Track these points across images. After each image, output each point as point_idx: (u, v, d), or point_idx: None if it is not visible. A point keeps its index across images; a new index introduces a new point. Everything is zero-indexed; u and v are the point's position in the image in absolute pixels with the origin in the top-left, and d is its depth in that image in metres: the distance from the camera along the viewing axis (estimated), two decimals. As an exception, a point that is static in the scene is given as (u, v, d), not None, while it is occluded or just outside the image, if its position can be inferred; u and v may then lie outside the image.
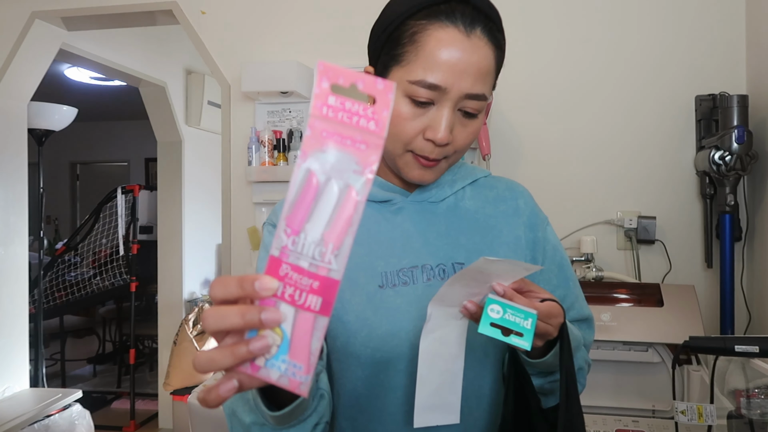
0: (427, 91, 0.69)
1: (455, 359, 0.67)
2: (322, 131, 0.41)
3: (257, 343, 0.41)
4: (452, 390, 0.67)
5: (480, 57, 0.69)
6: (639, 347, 1.57)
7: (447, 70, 0.68)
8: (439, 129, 0.70)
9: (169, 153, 3.65)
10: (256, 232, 2.21)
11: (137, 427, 3.64)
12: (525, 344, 0.58)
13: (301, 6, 2.23)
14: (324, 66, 0.41)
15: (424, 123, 0.71)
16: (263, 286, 0.41)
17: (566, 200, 1.99)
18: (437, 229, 0.79)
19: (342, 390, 0.76)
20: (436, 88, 0.69)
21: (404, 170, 0.76)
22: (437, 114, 0.70)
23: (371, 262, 0.76)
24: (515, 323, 0.59)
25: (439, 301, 0.64)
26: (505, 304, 0.60)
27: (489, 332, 0.58)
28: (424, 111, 0.71)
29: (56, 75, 4.32)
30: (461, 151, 0.76)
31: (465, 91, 0.69)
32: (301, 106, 2.20)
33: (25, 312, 2.70)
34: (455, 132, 0.72)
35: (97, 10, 2.39)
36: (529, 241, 0.82)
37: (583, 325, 0.84)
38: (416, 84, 0.69)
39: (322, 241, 0.41)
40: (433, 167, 0.75)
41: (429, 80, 0.68)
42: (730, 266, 1.77)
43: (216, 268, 4.00)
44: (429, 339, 0.65)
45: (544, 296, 0.65)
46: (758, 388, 1.24)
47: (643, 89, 1.97)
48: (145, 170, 6.85)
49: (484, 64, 0.70)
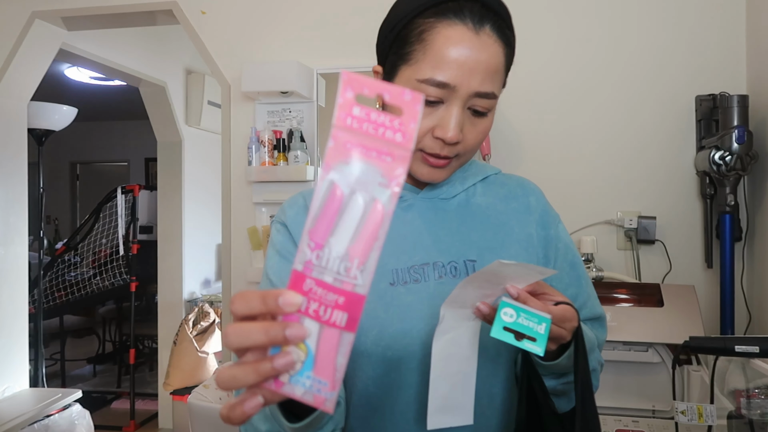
0: (436, 90, 0.68)
1: (468, 360, 0.66)
2: (346, 143, 0.39)
3: (281, 360, 0.40)
4: (465, 391, 0.67)
5: (489, 54, 0.68)
6: (639, 347, 1.57)
7: (456, 68, 0.67)
8: (449, 127, 0.69)
9: (169, 153, 3.65)
10: (256, 232, 2.21)
11: (137, 427, 3.63)
12: (538, 349, 0.57)
13: (302, 6, 2.23)
14: (348, 76, 0.40)
15: (434, 122, 0.70)
16: (287, 301, 0.40)
17: (566, 200, 1.99)
18: (448, 226, 0.78)
19: (353, 389, 0.75)
20: (445, 86, 0.68)
21: (414, 169, 0.75)
22: (447, 112, 0.69)
23: (381, 260, 0.74)
24: (529, 327, 0.58)
25: (451, 303, 0.63)
26: (519, 307, 0.59)
27: (502, 336, 0.58)
28: (434, 110, 0.70)
29: (56, 75, 4.32)
30: (472, 150, 0.75)
31: (474, 89, 0.68)
32: (301, 106, 2.20)
33: (25, 312, 2.70)
34: (465, 131, 0.71)
35: (97, 10, 2.39)
36: (541, 239, 0.81)
37: (596, 324, 0.84)
38: (425, 83, 0.68)
39: (347, 256, 0.40)
40: (443, 167, 0.74)
41: (438, 78, 0.68)
42: (730, 266, 1.77)
43: (216, 268, 4.00)
44: (442, 341, 0.65)
45: (558, 299, 0.64)
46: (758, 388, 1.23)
47: (644, 89, 1.97)
48: (145, 170, 6.84)
49: (494, 62, 0.69)
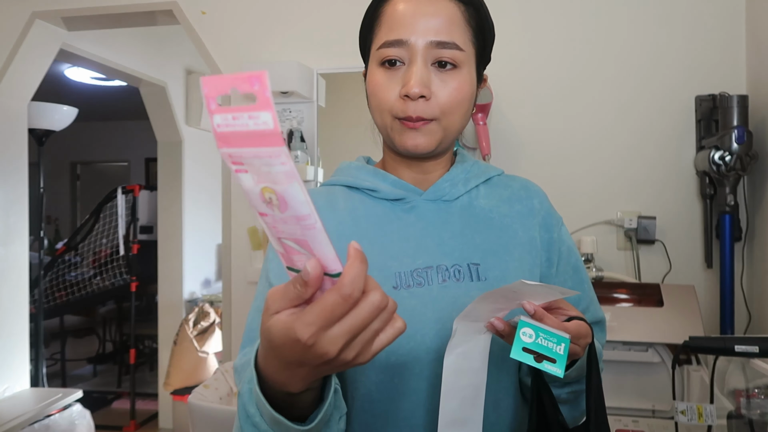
0: (393, 49, 0.71)
1: (478, 373, 0.66)
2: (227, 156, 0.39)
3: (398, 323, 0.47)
4: (475, 404, 0.66)
5: (438, 7, 0.71)
6: (639, 347, 1.57)
7: (405, 24, 0.70)
8: (410, 82, 0.69)
9: (170, 153, 3.65)
10: (256, 232, 2.21)
11: (137, 427, 3.64)
12: (558, 371, 0.57)
13: (302, 6, 2.23)
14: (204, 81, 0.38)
15: (400, 84, 0.72)
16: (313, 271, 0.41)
17: (566, 200, 1.99)
18: (451, 228, 0.77)
19: (356, 394, 0.73)
20: (399, 43, 0.70)
21: (397, 140, 0.74)
22: (408, 69, 0.71)
23: (384, 262, 0.74)
24: (548, 348, 0.57)
25: (465, 317, 0.63)
26: (538, 327, 0.59)
27: (521, 358, 0.57)
28: (396, 71, 0.72)
29: (56, 75, 4.32)
30: (450, 111, 0.72)
31: (429, 39, 0.70)
32: (301, 107, 2.20)
33: (25, 312, 2.70)
34: (435, 88, 0.71)
35: (97, 10, 2.40)
36: (544, 242, 0.80)
37: (597, 328, 0.84)
38: (382, 47, 0.72)
39: None
40: (420, 129, 0.72)
41: (391, 38, 0.71)
42: (730, 266, 1.77)
43: (216, 268, 4.00)
44: (453, 354, 0.64)
45: (571, 313, 0.64)
46: (758, 388, 1.24)
47: (643, 89, 1.97)
48: (145, 170, 6.84)
49: (445, 13, 0.71)
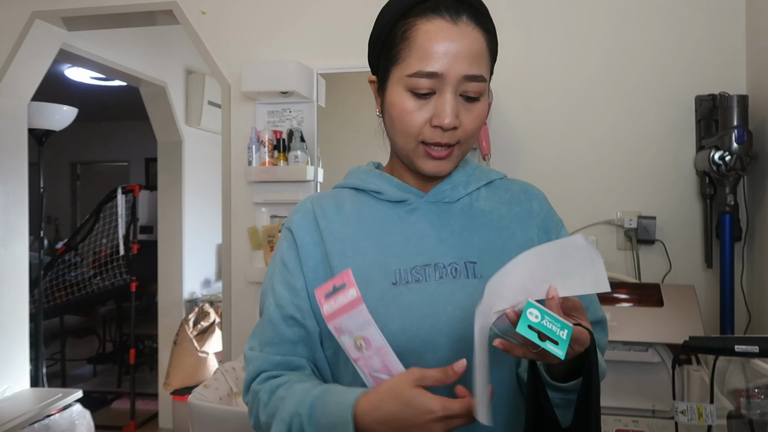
0: (427, 81, 0.73)
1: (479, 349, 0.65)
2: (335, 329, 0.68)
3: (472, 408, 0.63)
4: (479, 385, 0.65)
5: (470, 40, 0.73)
6: (639, 347, 1.57)
7: (441, 57, 0.72)
8: (445, 114, 0.73)
9: (169, 153, 3.65)
10: (256, 232, 2.21)
11: (137, 427, 3.64)
12: (560, 352, 0.59)
13: (301, 6, 2.23)
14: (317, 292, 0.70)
15: (429, 112, 0.74)
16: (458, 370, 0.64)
17: (566, 200, 1.99)
18: (451, 228, 0.80)
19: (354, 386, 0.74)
20: (434, 75, 0.72)
21: (418, 164, 0.78)
22: (440, 100, 0.73)
23: (385, 261, 0.78)
24: (552, 331, 0.59)
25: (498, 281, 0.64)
26: (544, 311, 0.60)
27: (527, 333, 0.59)
28: (427, 101, 0.74)
29: (56, 75, 4.31)
30: (470, 137, 0.77)
31: (462, 73, 0.72)
32: (301, 107, 2.20)
33: (25, 312, 2.70)
34: (461, 117, 0.75)
35: (97, 10, 2.39)
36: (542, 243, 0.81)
37: (597, 328, 0.84)
38: (415, 76, 0.73)
39: None
40: (446, 157, 0.77)
41: (426, 69, 0.72)
42: (730, 266, 1.77)
43: (216, 268, 4.00)
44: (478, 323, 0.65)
45: (580, 321, 0.65)
46: (758, 388, 1.24)
47: (644, 89, 1.97)
48: (145, 170, 6.84)
49: (476, 47, 0.74)
